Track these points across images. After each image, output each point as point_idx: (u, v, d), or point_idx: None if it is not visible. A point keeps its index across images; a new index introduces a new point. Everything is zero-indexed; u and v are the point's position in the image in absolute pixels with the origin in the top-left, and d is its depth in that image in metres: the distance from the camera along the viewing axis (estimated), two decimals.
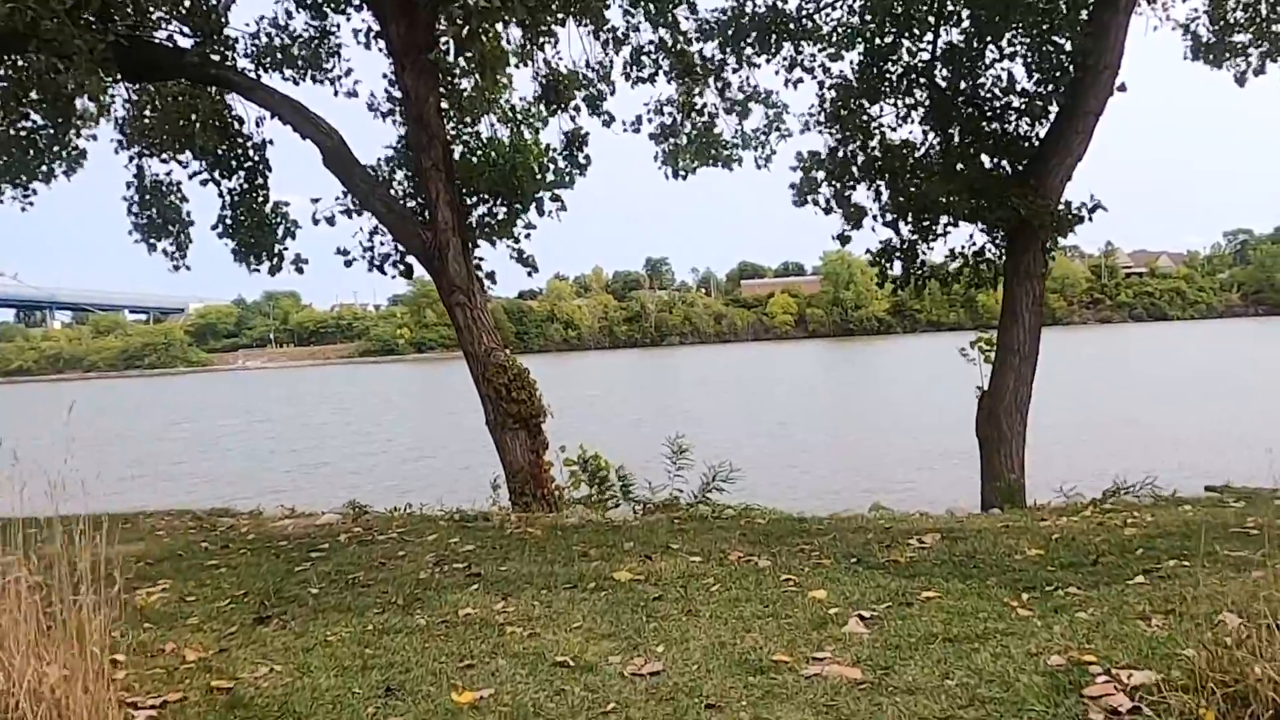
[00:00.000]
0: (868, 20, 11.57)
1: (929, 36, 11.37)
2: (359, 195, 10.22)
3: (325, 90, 11.61)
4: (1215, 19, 11.68)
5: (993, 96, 11.16)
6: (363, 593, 5.10)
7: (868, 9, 11.50)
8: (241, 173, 11.32)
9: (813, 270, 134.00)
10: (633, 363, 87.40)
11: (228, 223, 11.22)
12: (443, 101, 10.47)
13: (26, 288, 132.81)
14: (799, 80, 12.06)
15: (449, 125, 10.76)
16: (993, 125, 11.11)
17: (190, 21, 10.62)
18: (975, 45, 11.18)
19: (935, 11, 11.24)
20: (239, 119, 11.41)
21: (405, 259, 10.73)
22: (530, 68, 11.54)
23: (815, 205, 11.67)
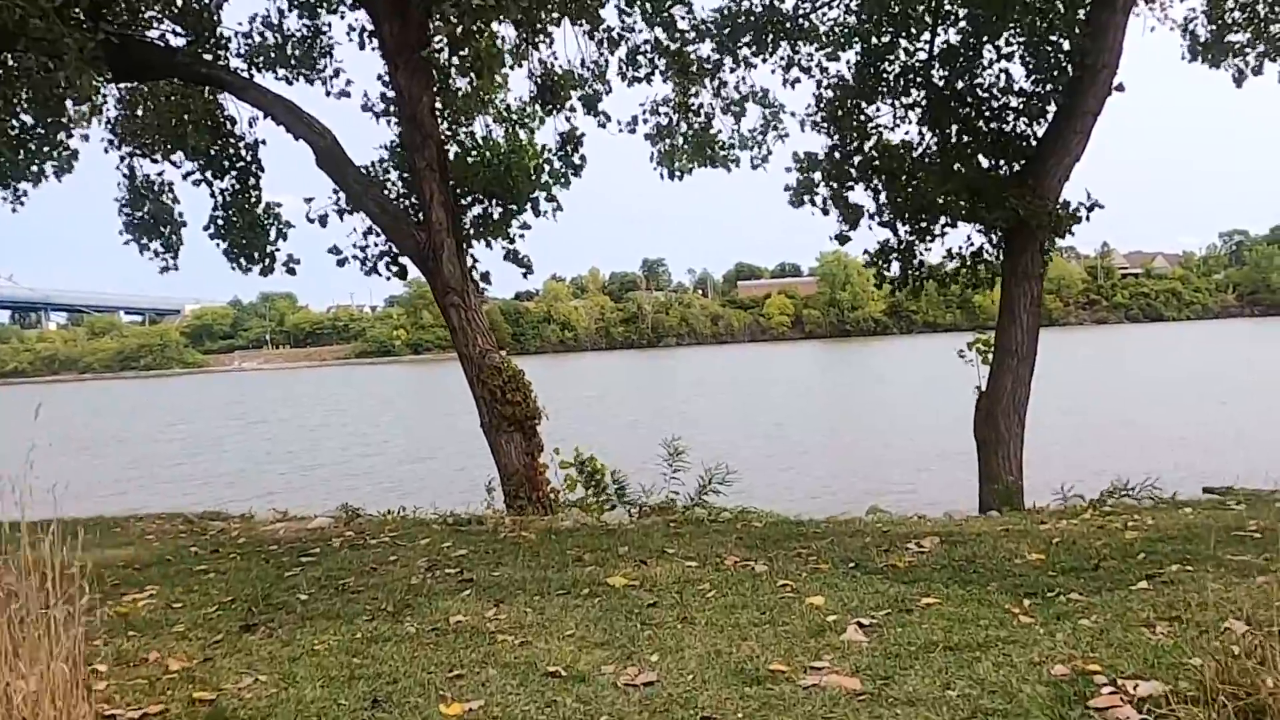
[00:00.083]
0: (864, 20, 11.52)
1: (926, 36, 11.32)
2: (352, 195, 10.13)
3: (319, 91, 11.55)
4: (1213, 19, 11.64)
5: (990, 96, 11.10)
6: (352, 599, 5.01)
7: (864, 8, 11.44)
8: (234, 173, 11.23)
9: (809, 271, 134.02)
10: (629, 364, 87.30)
11: (219, 223, 11.13)
12: (437, 101, 10.39)
13: (21, 289, 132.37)
14: (796, 80, 12.00)
15: (443, 125, 10.68)
16: (990, 125, 11.05)
17: (182, 21, 10.54)
18: (973, 45, 11.13)
19: (932, 11, 11.19)
20: (231, 119, 11.34)
21: (399, 260, 10.64)
22: (525, 67, 11.49)
23: (812, 206, 11.60)
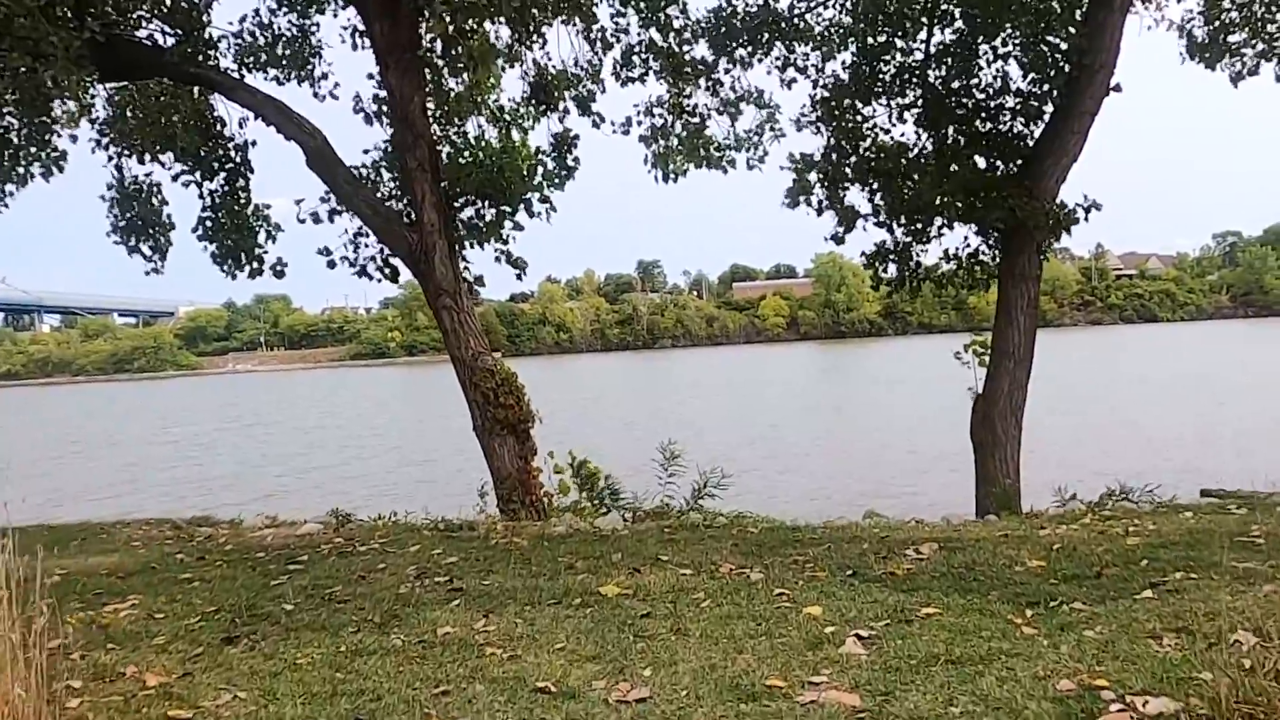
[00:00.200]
0: (860, 20, 11.42)
1: (922, 36, 11.22)
2: (343, 196, 10.02)
3: (309, 93, 11.42)
4: (1210, 19, 11.57)
5: (987, 96, 11.01)
6: (339, 609, 4.89)
7: (860, 8, 11.35)
8: (223, 174, 11.08)
9: (804, 273, 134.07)
10: (625, 365, 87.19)
11: (208, 225, 10.98)
12: (429, 101, 10.27)
13: (14, 291, 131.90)
14: (792, 80, 11.89)
15: (436, 126, 10.57)
16: (987, 125, 10.95)
17: (171, 20, 10.40)
18: (969, 44, 11.03)
19: (928, 10, 11.09)
20: (221, 120, 11.19)
21: (390, 262, 10.53)
22: (519, 68, 11.38)
23: (808, 207, 11.50)
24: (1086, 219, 10.41)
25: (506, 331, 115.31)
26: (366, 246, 10.56)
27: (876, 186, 11.21)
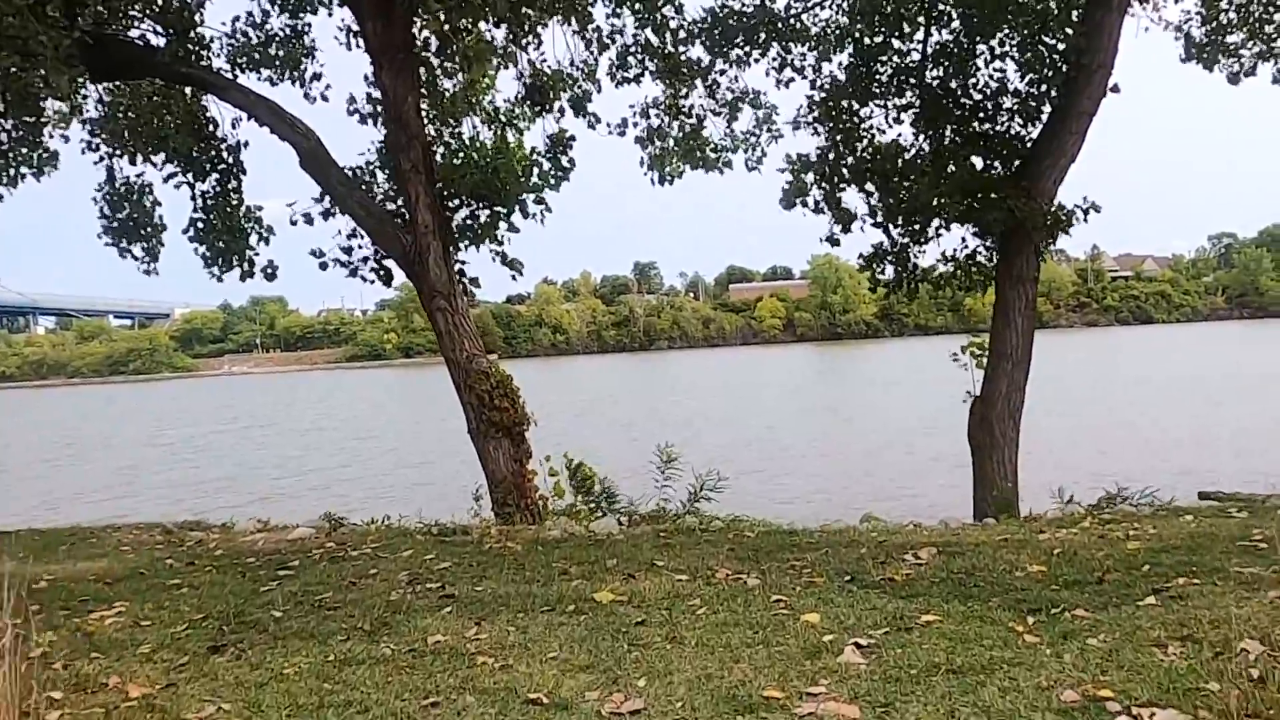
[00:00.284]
0: (857, 20, 11.36)
1: (919, 36, 11.16)
2: (337, 197, 9.93)
3: (302, 93, 11.33)
4: (1208, 19, 11.53)
5: (984, 97, 10.95)
6: (329, 616, 4.81)
7: (857, 8, 11.29)
8: (215, 175, 11.00)
9: (801, 274, 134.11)
10: (621, 367, 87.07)
11: (199, 227, 10.89)
12: (424, 102, 10.19)
13: (9, 293, 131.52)
14: (790, 80, 11.84)
15: (430, 127, 10.48)
16: (984, 126, 10.89)
17: (163, 19, 10.32)
18: (966, 45, 10.98)
19: (925, 11, 11.04)
20: (214, 120, 11.12)
21: (384, 263, 10.43)
22: (514, 69, 11.30)
23: (804, 208, 11.43)
24: (1085, 220, 10.36)
25: (503, 333, 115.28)
26: (360, 248, 10.47)
27: (874, 187, 11.15)
